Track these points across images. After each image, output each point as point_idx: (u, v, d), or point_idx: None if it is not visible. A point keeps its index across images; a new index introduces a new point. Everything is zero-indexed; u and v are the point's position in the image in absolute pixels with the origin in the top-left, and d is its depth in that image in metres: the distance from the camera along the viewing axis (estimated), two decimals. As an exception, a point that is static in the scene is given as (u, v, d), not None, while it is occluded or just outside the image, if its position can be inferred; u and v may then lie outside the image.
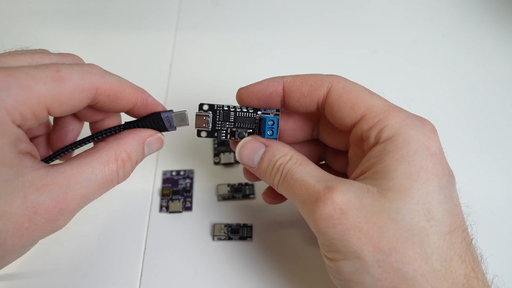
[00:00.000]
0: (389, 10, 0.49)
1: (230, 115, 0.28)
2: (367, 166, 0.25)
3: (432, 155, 0.24)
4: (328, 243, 0.24)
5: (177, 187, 0.36)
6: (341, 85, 0.26)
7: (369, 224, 0.22)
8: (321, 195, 0.23)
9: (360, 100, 0.25)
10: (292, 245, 0.33)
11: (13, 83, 0.21)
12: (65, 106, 0.23)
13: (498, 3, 0.50)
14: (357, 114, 0.25)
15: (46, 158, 0.27)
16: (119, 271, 0.31)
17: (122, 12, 0.49)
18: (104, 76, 0.24)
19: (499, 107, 0.41)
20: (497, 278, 0.25)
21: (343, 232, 0.23)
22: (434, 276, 0.22)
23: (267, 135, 0.28)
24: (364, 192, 0.23)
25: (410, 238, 0.22)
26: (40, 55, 0.24)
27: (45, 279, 0.31)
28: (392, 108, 0.25)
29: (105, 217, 0.34)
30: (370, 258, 0.22)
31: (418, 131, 0.24)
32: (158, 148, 0.28)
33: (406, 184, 0.23)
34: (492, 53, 0.45)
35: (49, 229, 0.23)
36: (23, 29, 0.47)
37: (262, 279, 0.31)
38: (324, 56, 0.45)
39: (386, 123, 0.24)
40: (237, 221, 0.34)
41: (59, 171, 0.23)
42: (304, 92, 0.27)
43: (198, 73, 0.44)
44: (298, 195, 0.25)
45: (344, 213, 0.23)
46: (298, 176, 0.25)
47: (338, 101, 0.26)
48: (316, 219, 0.23)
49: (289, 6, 0.50)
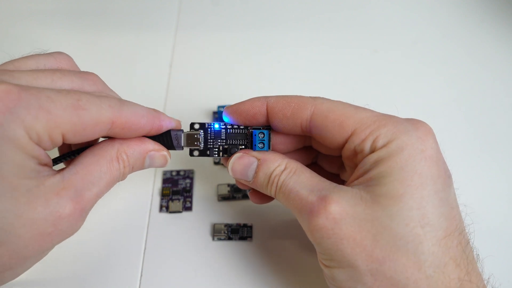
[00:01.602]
0: (389, 10, 0.49)
1: (221, 132, 0.28)
2: (361, 172, 0.25)
3: (427, 158, 0.24)
4: (323, 252, 0.24)
5: (177, 187, 0.36)
6: (325, 106, 0.26)
7: (363, 233, 0.23)
8: (315, 206, 0.24)
9: (347, 117, 0.25)
10: (292, 245, 0.33)
11: (34, 104, 0.21)
12: (79, 136, 0.23)
13: (498, 3, 0.50)
14: (347, 131, 0.25)
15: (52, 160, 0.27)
16: (119, 271, 0.31)
17: (122, 12, 0.49)
18: (121, 109, 0.25)
19: (499, 107, 0.41)
20: (493, 277, 0.25)
21: (337, 242, 0.23)
22: (427, 283, 0.22)
23: (258, 148, 0.28)
24: (357, 200, 0.23)
25: (403, 246, 0.22)
26: (60, 75, 0.25)
27: (45, 279, 0.31)
28: (382, 117, 0.25)
29: (105, 217, 0.34)
30: (363, 267, 0.22)
31: (411, 136, 0.24)
32: (160, 164, 0.28)
33: (400, 190, 0.23)
34: (492, 53, 0.45)
35: (71, 232, 0.24)
36: (23, 29, 0.47)
37: (262, 279, 0.31)
38: (324, 56, 0.45)
39: (378, 133, 0.24)
40: (237, 221, 0.34)
41: (72, 173, 0.24)
42: (287, 114, 0.27)
43: (198, 73, 0.44)
44: (294, 206, 0.25)
45: (338, 223, 0.23)
46: (292, 187, 0.25)
47: (325, 122, 0.26)
48: (311, 229, 0.24)
49: (289, 6, 0.50)
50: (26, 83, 0.23)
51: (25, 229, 0.22)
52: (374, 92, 0.42)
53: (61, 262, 0.32)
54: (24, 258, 0.23)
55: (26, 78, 0.23)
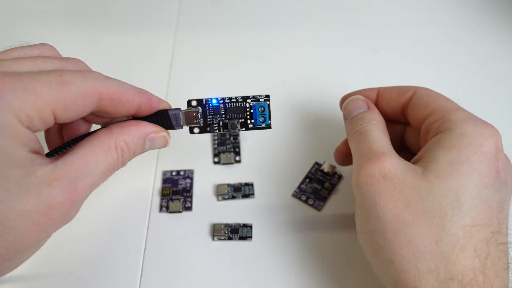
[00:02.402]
0: (389, 10, 0.49)
1: (220, 107, 0.28)
2: (423, 152, 0.27)
3: (482, 153, 0.25)
4: (358, 198, 0.27)
5: (177, 187, 0.36)
6: (424, 91, 0.30)
7: (401, 195, 0.25)
8: (375, 156, 0.27)
9: (434, 101, 0.29)
10: (292, 245, 0.33)
11: (18, 86, 0.21)
12: (70, 111, 0.23)
13: (498, 3, 0.50)
14: (428, 110, 0.29)
15: (48, 153, 0.27)
16: (119, 271, 0.31)
17: (122, 12, 0.49)
18: (106, 81, 0.25)
19: (498, 107, 0.41)
20: None
21: (375, 192, 0.26)
22: (441, 257, 0.24)
23: (259, 122, 0.28)
24: (410, 170, 0.26)
25: (430, 218, 0.24)
26: (42, 59, 0.24)
27: (45, 279, 0.31)
28: (460, 108, 0.28)
29: (105, 217, 0.34)
30: (388, 223, 0.25)
31: (476, 129, 0.26)
32: (161, 145, 0.28)
33: (447, 171, 0.25)
34: (492, 53, 0.45)
35: (63, 221, 0.24)
36: (23, 29, 0.47)
37: (262, 279, 0.31)
38: (324, 56, 0.45)
39: (449, 118, 0.27)
40: (237, 221, 0.34)
41: (66, 163, 0.23)
42: (393, 96, 0.31)
43: (198, 73, 0.44)
44: (362, 149, 0.28)
45: (385, 178, 0.26)
46: (370, 137, 0.28)
47: (417, 102, 0.30)
48: (361, 172, 0.26)
49: (289, 6, 0.50)
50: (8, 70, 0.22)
51: (19, 220, 0.21)
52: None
53: (61, 262, 0.32)
54: (22, 248, 0.23)
55: (7, 65, 0.23)
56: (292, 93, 0.42)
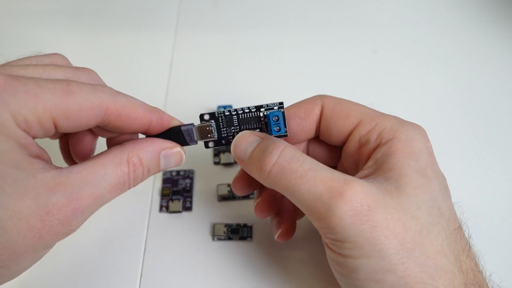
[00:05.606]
0: (389, 10, 0.49)
1: (233, 118, 0.27)
2: (375, 167, 0.25)
3: (430, 155, 0.25)
4: (349, 240, 0.22)
5: (177, 187, 0.36)
6: (332, 100, 0.28)
7: (395, 222, 0.22)
8: (344, 190, 0.22)
9: (353, 109, 0.27)
10: (292, 245, 0.33)
11: (20, 89, 0.21)
12: (72, 121, 0.23)
13: (498, 3, 0.50)
14: (352, 121, 0.27)
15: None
16: (119, 271, 0.31)
17: (122, 12, 0.49)
18: (115, 96, 0.24)
19: (498, 107, 0.41)
20: (495, 274, 0.26)
21: (370, 229, 0.22)
22: (451, 269, 0.23)
23: (275, 132, 0.27)
24: (383, 190, 0.23)
25: (429, 234, 0.23)
26: (53, 67, 0.24)
27: (45, 279, 0.31)
28: (384, 114, 0.27)
29: (105, 217, 0.34)
30: (395, 256, 0.22)
31: (415, 132, 0.25)
32: (176, 163, 0.27)
33: (420, 180, 0.23)
34: (492, 53, 0.45)
35: (63, 231, 0.22)
36: (23, 29, 0.47)
37: (262, 279, 0.31)
38: (324, 56, 0.45)
39: (384, 126, 0.26)
40: (237, 221, 0.34)
41: (73, 172, 0.23)
42: (302, 115, 0.28)
43: (198, 73, 0.44)
44: (309, 188, 0.23)
45: (372, 210, 0.22)
46: (308, 167, 0.24)
47: (332, 113, 0.27)
48: (341, 214, 0.22)
49: (288, 6, 0.50)
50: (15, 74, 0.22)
51: (12, 222, 0.21)
52: (374, 92, 0.42)
53: (61, 262, 0.32)
54: (15, 254, 0.22)
55: (15, 70, 0.23)
56: (292, 93, 0.42)
